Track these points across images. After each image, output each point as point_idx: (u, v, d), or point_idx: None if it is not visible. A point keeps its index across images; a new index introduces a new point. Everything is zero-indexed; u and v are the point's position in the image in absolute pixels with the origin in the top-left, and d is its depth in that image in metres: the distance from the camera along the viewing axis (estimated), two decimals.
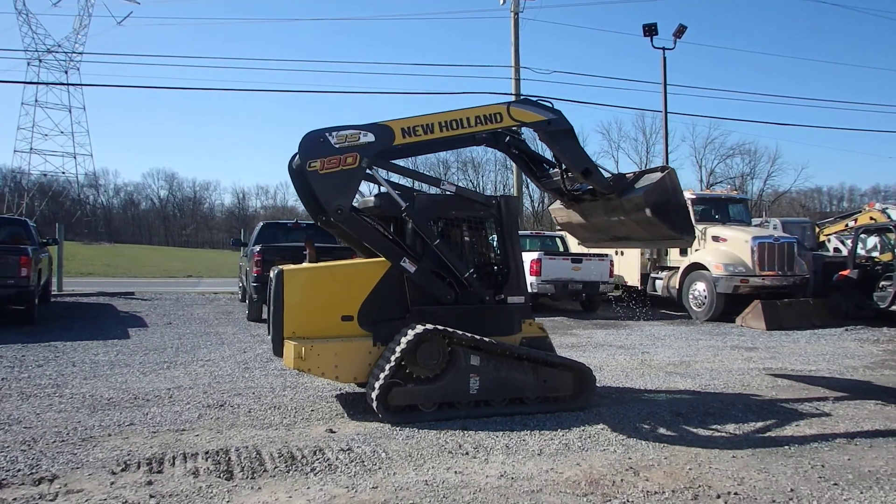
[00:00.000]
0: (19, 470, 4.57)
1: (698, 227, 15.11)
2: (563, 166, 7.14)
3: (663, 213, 6.78)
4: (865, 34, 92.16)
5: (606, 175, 7.05)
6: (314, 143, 5.95)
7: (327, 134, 5.98)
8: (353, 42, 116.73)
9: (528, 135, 7.56)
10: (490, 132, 6.73)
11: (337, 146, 5.96)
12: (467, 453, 5.03)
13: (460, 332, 5.93)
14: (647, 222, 6.91)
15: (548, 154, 7.69)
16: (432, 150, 7.22)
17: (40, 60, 79.24)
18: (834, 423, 6.06)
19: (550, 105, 6.82)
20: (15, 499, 4.07)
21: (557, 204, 8.15)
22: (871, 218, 19.22)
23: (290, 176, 6.46)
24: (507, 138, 7.07)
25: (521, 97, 6.96)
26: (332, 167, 5.93)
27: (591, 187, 7.16)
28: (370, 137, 6.08)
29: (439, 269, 6.32)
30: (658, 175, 6.92)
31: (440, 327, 5.90)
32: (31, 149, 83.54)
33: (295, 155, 6.13)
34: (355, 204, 6.35)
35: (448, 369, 5.91)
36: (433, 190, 6.82)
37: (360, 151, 6.02)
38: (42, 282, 13.75)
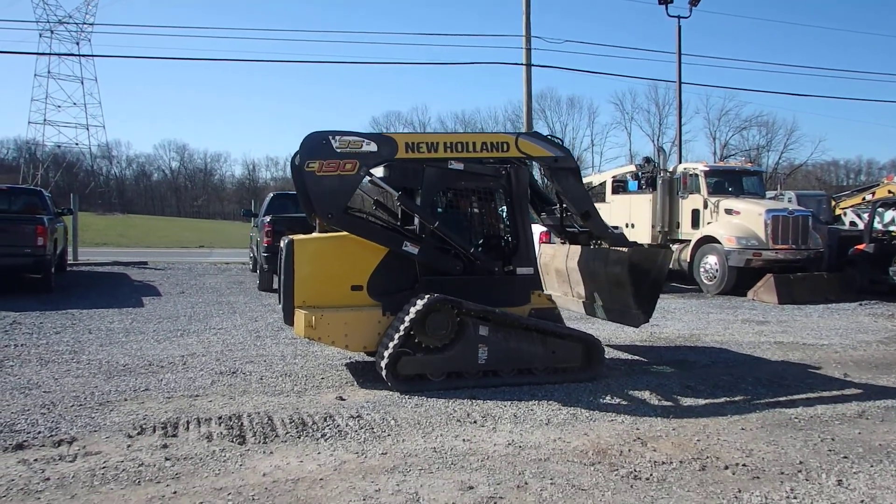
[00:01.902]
0: (40, 432, 4.69)
1: (711, 200, 15.04)
2: (564, 205, 7.11)
3: (636, 278, 6.57)
4: (886, 1, 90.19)
5: (613, 230, 7.09)
6: (316, 145, 5.95)
7: (330, 137, 5.97)
8: (362, 12, 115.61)
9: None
10: (497, 159, 6.68)
11: (338, 150, 5.94)
12: (475, 422, 5.09)
13: (469, 303, 5.96)
14: (616, 281, 6.73)
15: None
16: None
17: (52, 31, 79.19)
18: (845, 397, 6.05)
19: (560, 142, 6.82)
20: (36, 459, 4.18)
21: (547, 243, 8.18)
22: (890, 191, 19.01)
23: (291, 172, 6.47)
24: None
25: (532, 131, 6.85)
26: (330, 171, 5.93)
27: (587, 230, 7.18)
28: (373, 147, 6.05)
29: (444, 244, 6.33)
30: (664, 245, 6.89)
31: (449, 297, 5.92)
32: (44, 120, 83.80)
33: (297, 152, 6.13)
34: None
35: (457, 339, 5.95)
36: None
37: (361, 159, 6.00)
38: (58, 251, 13.91)
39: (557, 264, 7.85)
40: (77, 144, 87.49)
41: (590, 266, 7.16)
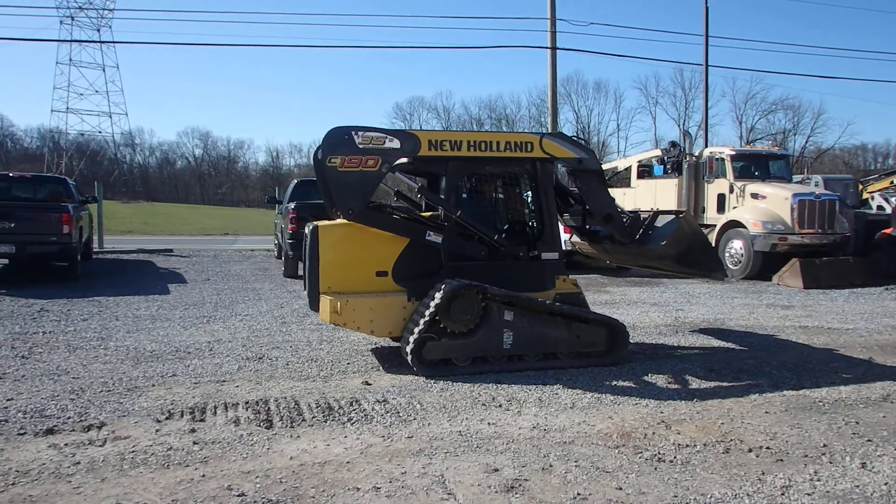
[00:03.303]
0: (69, 417, 4.77)
1: (737, 184, 14.87)
2: (587, 206, 7.09)
3: (685, 259, 6.89)
4: None
5: (623, 217, 7.12)
6: (338, 139, 5.97)
7: (353, 132, 5.98)
8: None
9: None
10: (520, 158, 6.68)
11: (360, 146, 5.96)
12: (500, 406, 5.11)
13: (494, 288, 5.97)
14: (671, 265, 7.07)
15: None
16: None
17: (73, 18, 79.92)
18: (870, 381, 6.00)
19: (585, 143, 6.81)
20: (66, 444, 4.26)
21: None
22: None
23: (314, 165, 6.49)
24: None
25: (557, 131, 6.87)
26: (351, 166, 5.95)
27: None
28: (395, 144, 6.06)
29: (467, 230, 6.34)
30: (672, 218, 6.92)
31: (474, 283, 5.94)
32: (67, 108, 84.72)
33: (320, 146, 6.14)
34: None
35: (482, 324, 5.97)
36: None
37: (383, 156, 6.01)
38: (83, 239, 14.08)
39: (603, 253, 7.99)
40: (100, 132, 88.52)
41: (635, 258, 7.40)
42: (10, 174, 15.18)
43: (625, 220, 7.14)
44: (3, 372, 5.96)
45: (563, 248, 6.90)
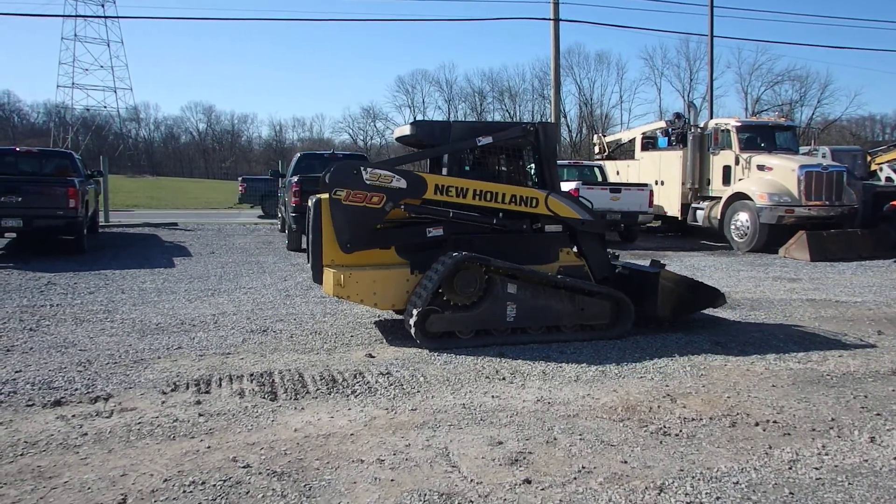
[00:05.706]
0: (76, 389, 4.80)
1: (743, 156, 14.75)
2: (585, 268, 6.98)
3: (686, 307, 6.92)
4: None
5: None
6: (346, 173, 5.99)
7: (362, 168, 6.01)
8: None
9: None
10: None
11: (368, 182, 5.98)
12: (504, 378, 5.11)
13: (497, 261, 5.94)
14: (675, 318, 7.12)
15: None
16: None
17: None
18: (879, 355, 5.97)
19: (590, 205, 6.76)
20: (74, 415, 4.28)
21: None
22: None
23: (319, 183, 6.41)
24: None
25: (565, 191, 6.70)
26: (356, 201, 5.96)
27: None
28: (402, 184, 6.06)
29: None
30: (652, 279, 6.72)
31: (477, 255, 5.92)
32: (72, 84, 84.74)
33: (328, 171, 6.11)
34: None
35: (485, 297, 5.96)
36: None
37: (388, 194, 6.02)
38: (89, 213, 14.09)
39: None
40: (105, 107, 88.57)
41: None
42: (17, 149, 15.16)
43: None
44: (11, 344, 5.98)
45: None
